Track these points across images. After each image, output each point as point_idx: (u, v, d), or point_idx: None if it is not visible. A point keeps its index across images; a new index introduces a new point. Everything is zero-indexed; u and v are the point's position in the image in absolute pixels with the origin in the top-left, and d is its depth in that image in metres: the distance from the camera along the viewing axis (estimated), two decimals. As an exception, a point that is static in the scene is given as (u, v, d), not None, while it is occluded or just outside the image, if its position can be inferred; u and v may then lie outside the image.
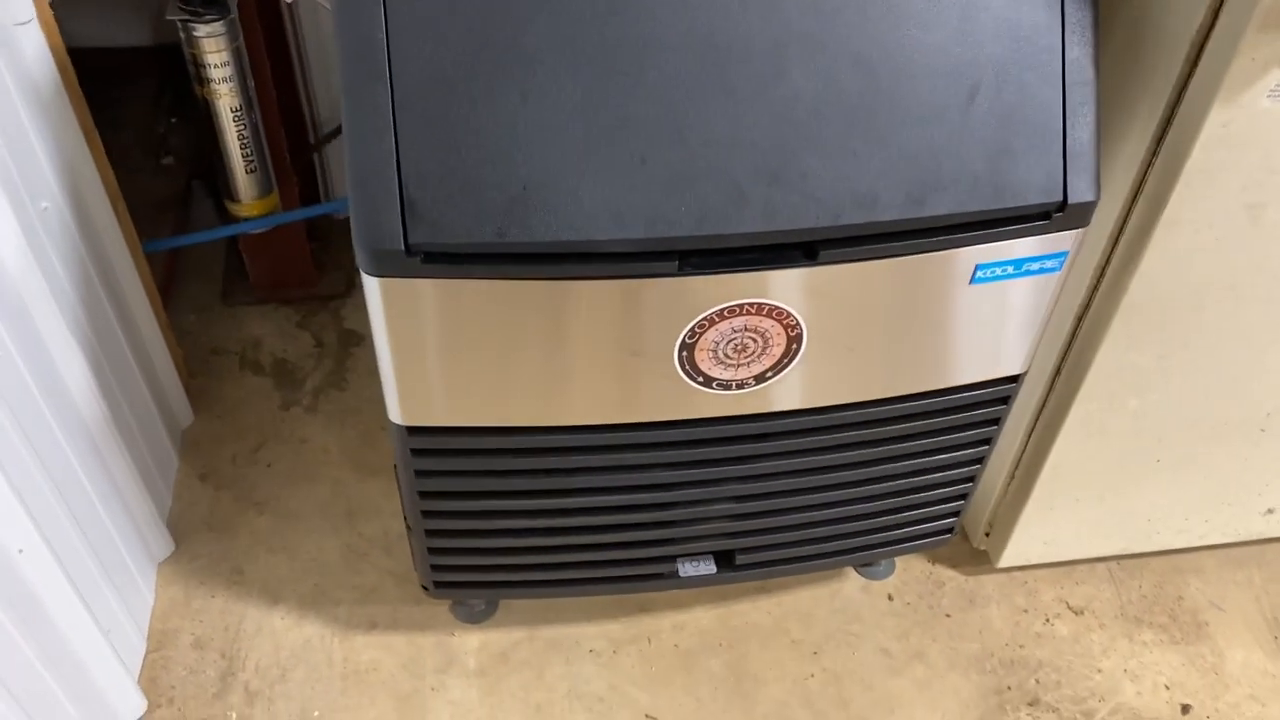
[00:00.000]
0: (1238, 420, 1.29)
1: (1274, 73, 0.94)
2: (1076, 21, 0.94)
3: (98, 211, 1.37)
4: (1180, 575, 1.53)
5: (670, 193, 0.91)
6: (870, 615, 1.45)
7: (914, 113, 0.92)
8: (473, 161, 0.88)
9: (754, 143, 0.91)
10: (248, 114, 1.52)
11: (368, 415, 1.68)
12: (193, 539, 1.51)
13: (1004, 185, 0.95)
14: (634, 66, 0.89)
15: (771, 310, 1.00)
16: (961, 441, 1.20)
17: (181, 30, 1.42)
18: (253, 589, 1.45)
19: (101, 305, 1.34)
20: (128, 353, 1.42)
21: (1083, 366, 1.20)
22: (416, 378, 1.02)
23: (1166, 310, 1.14)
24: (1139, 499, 1.39)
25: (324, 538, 1.52)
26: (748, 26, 0.89)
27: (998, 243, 0.99)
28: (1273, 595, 1.51)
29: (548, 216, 0.89)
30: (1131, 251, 1.09)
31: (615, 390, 1.05)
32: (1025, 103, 0.94)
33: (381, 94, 0.87)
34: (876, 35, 0.91)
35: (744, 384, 1.06)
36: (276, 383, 1.73)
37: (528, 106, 0.88)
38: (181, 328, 1.77)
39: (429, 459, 1.10)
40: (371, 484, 1.59)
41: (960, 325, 1.07)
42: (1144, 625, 1.47)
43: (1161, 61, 1.00)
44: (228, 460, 1.61)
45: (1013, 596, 1.49)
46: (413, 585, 1.46)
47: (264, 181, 1.61)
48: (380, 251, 0.89)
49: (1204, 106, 0.97)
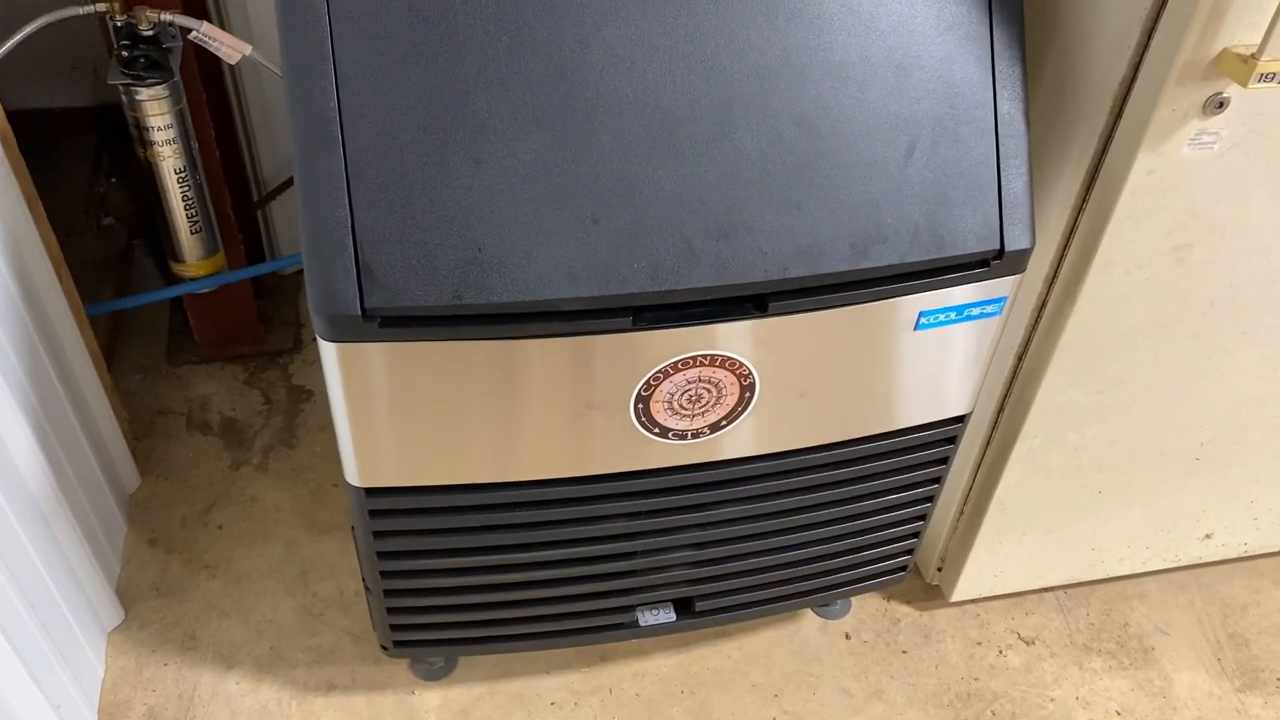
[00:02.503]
0: (1174, 450, 1.34)
1: (1193, 123, 0.98)
2: (1006, 77, 0.98)
3: (40, 277, 1.35)
4: (1125, 601, 1.56)
5: (622, 251, 0.92)
6: (829, 655, 1.47)
7: (855, 168, 0.96)
8: (427, 226, 0.89)
9: (703, 200, 0.94)
10: (191, 174, 1.51)
11: (319, 472, 1.67)
12: (143, 606, 1.48)
13: (943, 235, 0.98)
14: (584, 130, 0.91)
15: (724, 361, 1.02)
16: (912, 481, 1.23)
17: (124, 94, 1.42)
18: (206, 654, 1.43)
19: (45, 372, 1.33)
20: (72, 418, 1.40)
21: (1024, 405, 1.24)
22: (374, 440, 1.02)
23: (1102, 349, 1.18)
24: (1083, 529, 1.43)
25: (278, 599, 1.50)
26: (693, 90, 0.92)
27: (939, 290, 1.02)
28: (1214, 617, 1.55)
29: (503, 278, 0.91)
30: (1066, 294, 1.13)
31: (572, 444, 1.06)
32: (961, 156, 0.98)
33: (335, 162, 0.88)
34: (817, 95, 0.94)
35: (699, 433, 1.08)
36: (225, 442, 1.71)
37: (480, 171, 0.90)
38: (126, 389, 1.75)
39: (388, 519, 1.10)
40: (325, 542, 1.57)
41: (907, 370, 1.10)
42: (1093, 652, 1.50)
43: (1087, 113, 1.04)
44: (177, 523, 1.59)
45: (966, 630, 1.52)
46: (370, 644, 1.44)
47: (209, 241, 1.60)
48: (336, 317, 0.90)
49: (1129, 155, 1.01)
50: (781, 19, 0.93)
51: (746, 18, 0.92)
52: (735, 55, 0.92)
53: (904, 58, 0.96)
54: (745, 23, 0.92)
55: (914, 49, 0.96)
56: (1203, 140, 1.00)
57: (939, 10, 0.96)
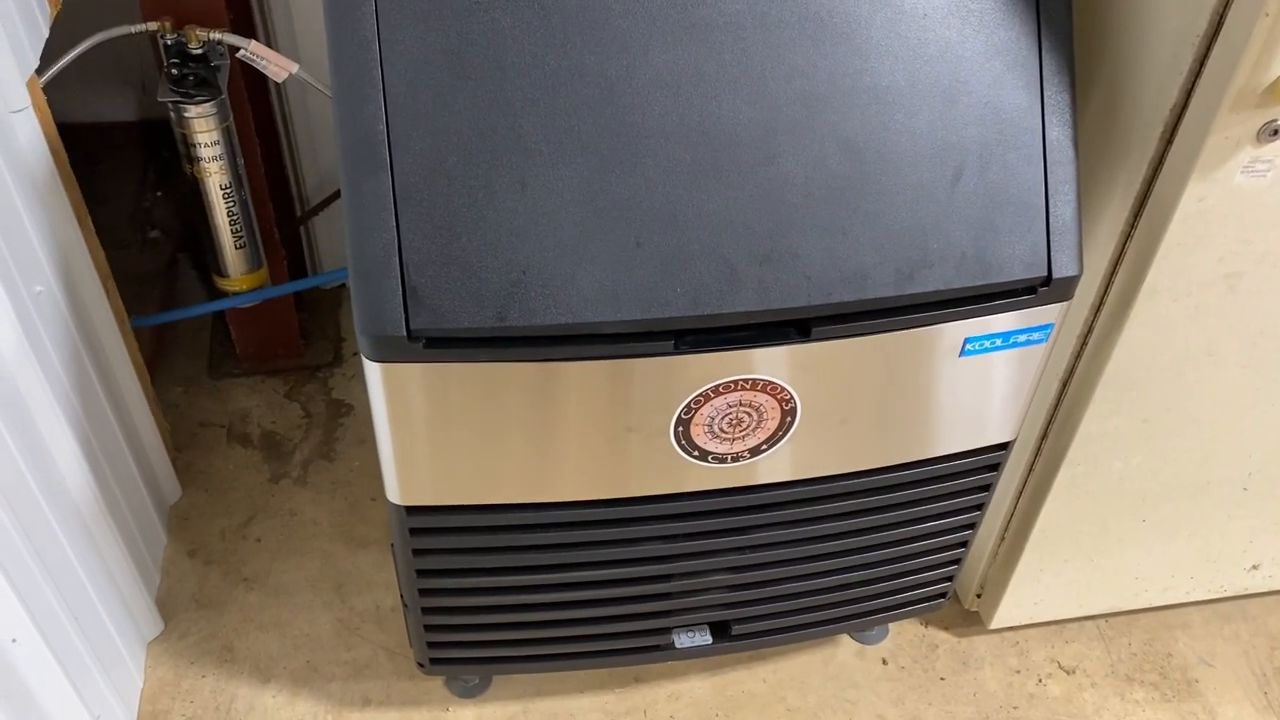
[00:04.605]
0: (1220, 480, 1.32)
1: (1247, 150, 0.97)
2: (1055, 103, 0.98)
3: (88, 290, 1.37)
4: (1169, 632, 1.54)
5: (665, 275, 0.92)
6: (865, 680, 1.46)
7: (901, 193, 0.95)
8: (473, 248, 0.90)
9: (746, 224, 0.93)
10: (237, 191, 1.53)
11: (357, 486, 1.68)
12: (182, 617, 1.50)
13: (990, 262, 0.97)
14: (628, 154, 0.91)
15: (766, 385, 1.01)
16: (953, 509, 1.22)
17: (172, 110, 1.44)
18: (243, 667, 1.44)
19: (92, 385, 1.34)
20: (116, 430, 1.42)
21: (1068, 432, 1.22)
22: (416, 459, 1.02)
23: (1148, 376, 1.16)
24: (1126, 558, 1.40)
25: (315, 612, 1.51)
26: (738, 114, 0.92)
27: (985, 317, 1.01)
28: (1260, 650, 1.52)
29: (547, 300, 0.91)
30: (1113, 321, 1.12)
31: (612, 466, 1.06)
32: (1009, 182, 0.97)
33: (383, 184, 0.88)
34: (863, 120, 0.94)
35: (739, 457, 1.07)
36: (265, 455, 1.72)
37: (526, 194, 0.90)
38: (168, 401, 1.77)
39: (428, 538, 1.10)
40: (362, 556, 1.58)
41: (950, 396, 1.09)
42: (1135, 683, 1.48)
43: (1137, 140, 1.03)
44: (216, 535, 1.60)
45: (1005, 657, 1.50)
46: (406, 659, 1.45)
47: (253, 256, 1.62)
48: (382, 338, 0.91)
49: (1180, 182, 1.00)
50: (828, 44, 0.92)
51: (793, 43, 0.92)
52: (781, 80, 0.92)
53: (951, 83, 0.95)
54: (792, 48, 0.92)
55: (962, 74, 0.95)
56: (1256, 168, 0.98)
57: (987, 36, 0.96)
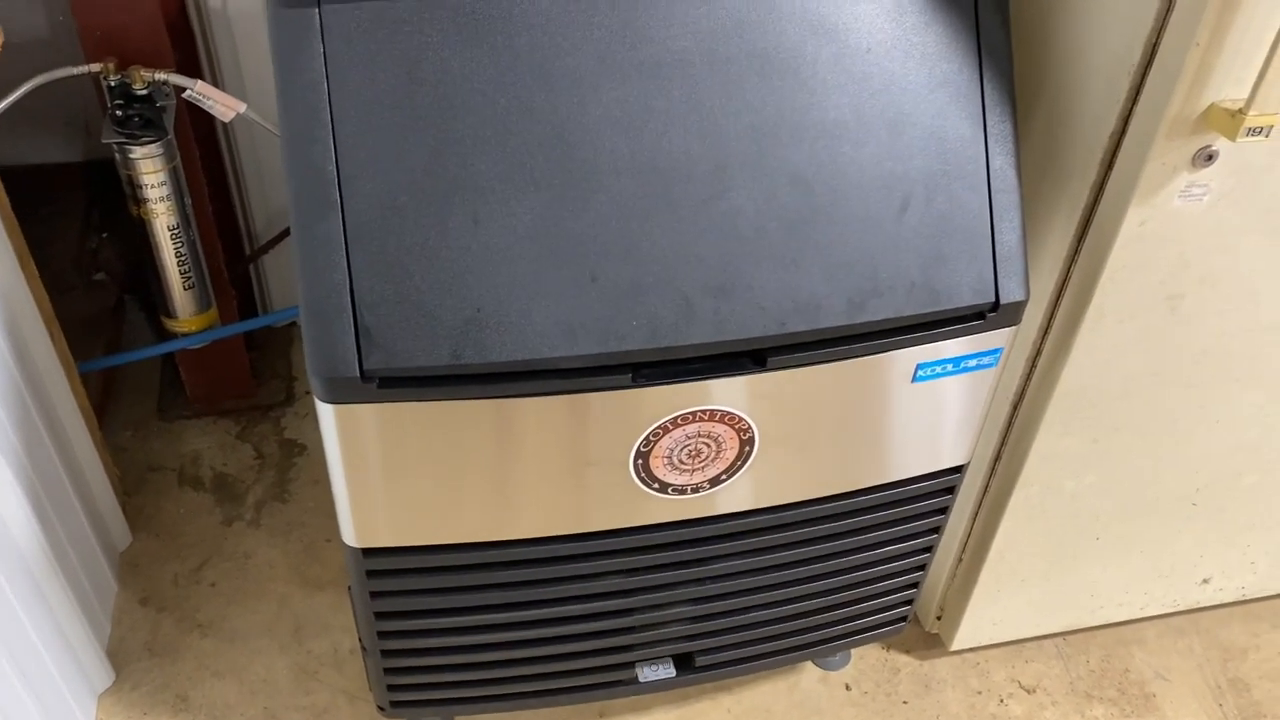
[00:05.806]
0: (1170, 496, 1.34)
1: (1183, 176, 1.00)
2: (998, 133, 1.00)
3: (31, 333, 1.35)
4: (1125, 647, 1.56)
5: (621, 309, 0.93)
6: (830, 707, 1.46)
7: (851, 224, 0.96)
8: (425, 287, 0.89)
9: (700, 257, 0.94)
10: (185, 231, 1.51)
11: (312, 527, 1.65)
12: (134, 667, 1.46)
13: (939, 289, 0.99)
14: (581, 190, 0.92)
15: (724, 416, 1.02)
16: (911, 532, 1.22)
17: (117, 152, 1.42)
18: (199, 716, 1.41)
19: (37, 432, 1.32)
20: (63, 476, 1.39)
21: (1021, 453, 1.24)
22: (371, 500, 1.01)
23: (1097, 398, 1.18)
24: (1081, 576, 1.42)
25: (272, 657, 1.48)
26: (689, 149, 0.93)
27: (935, 343, 1.03)
28: (1214, 662, 1.55)
29: (502, 337, 0.91)
30: (1061, 344, 1.14)
31: (572, 501, 1.06)
32: (955, 211, 0.99)
33: (334, 225, 0.88)
34: (812, 154, 0.95)
35: (699, 488, 1.07)
36: (217, 498, 1.69)
37: (479, 231, 0.90)
38: (117, 445, 1.74)
39: (385, 580, 1.09)
40: (319, 598, 1.56)
41: (904, 422, 1.10)
42: (1094, 700, 1.49)
43: (1078, 167, 1.06)
44: (169, 581, 1.57)
45: (967, 679, 1.51)
46: (366, 702, 1.42)
47: (202, 297, 1.60)
48: (335, 379, 0.90)
49: (1121, 207, 1.02)
50: (775, 80, 0.94)
51: (741, 79, 0.93)
52: (731, 116, 0.93)
53: (896, 115, 0.97)
54: (740, 84, 0.93)
55: (906, 107, 0.97)
56: (1192, 193, 1.01)
57: (930, 68, 0.97)
